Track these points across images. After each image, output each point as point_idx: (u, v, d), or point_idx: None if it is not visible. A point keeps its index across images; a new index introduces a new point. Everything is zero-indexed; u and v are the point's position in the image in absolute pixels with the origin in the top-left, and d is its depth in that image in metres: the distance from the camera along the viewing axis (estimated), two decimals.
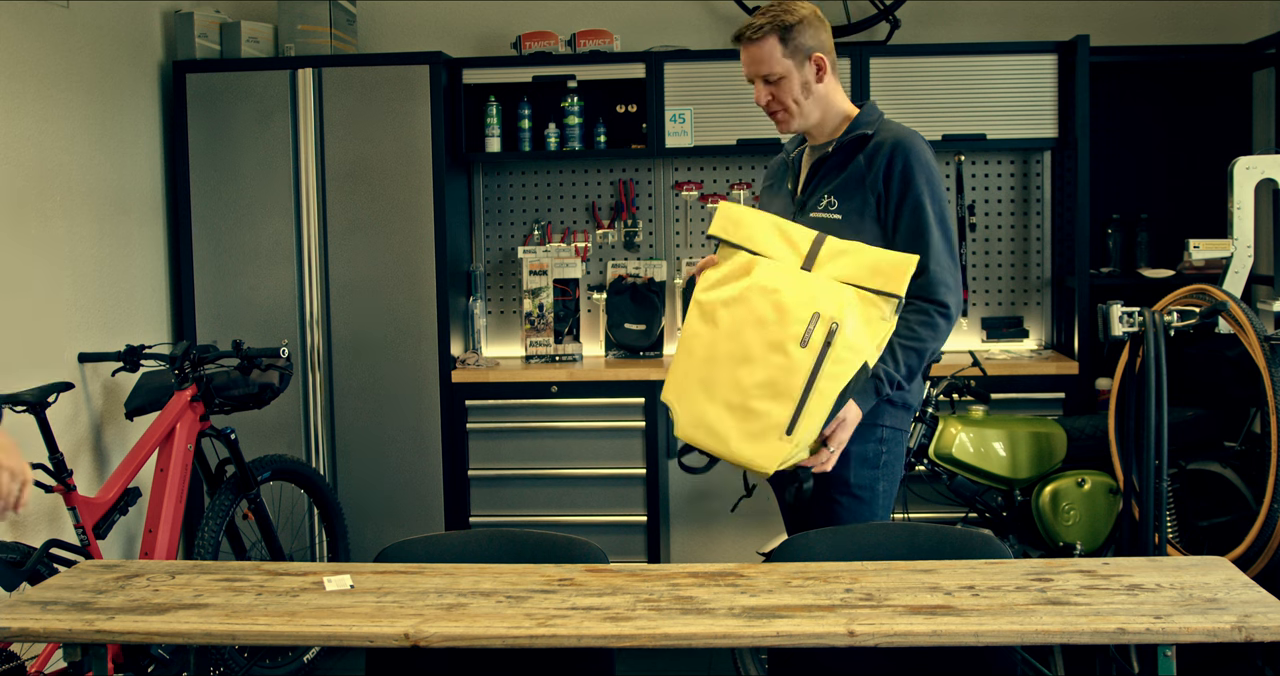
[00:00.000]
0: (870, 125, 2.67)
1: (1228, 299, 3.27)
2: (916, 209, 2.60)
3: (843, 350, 2.35)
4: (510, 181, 4.75)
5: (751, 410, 2.38)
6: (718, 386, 2.42)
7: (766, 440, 2.37)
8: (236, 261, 4.35)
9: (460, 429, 4.33)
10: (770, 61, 2.65)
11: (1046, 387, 4.18)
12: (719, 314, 2.44)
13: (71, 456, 3.66)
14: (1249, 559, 3.13)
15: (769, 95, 2.69)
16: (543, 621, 1.97)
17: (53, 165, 3.73)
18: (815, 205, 2.67)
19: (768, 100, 2.69)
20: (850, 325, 2.36)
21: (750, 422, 2.38)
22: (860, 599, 2.04)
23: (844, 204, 2.64)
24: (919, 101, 4.31)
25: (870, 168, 2.63)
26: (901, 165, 2.61)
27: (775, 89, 2.68)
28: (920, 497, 3.88)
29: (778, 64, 2.65)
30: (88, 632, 2.01)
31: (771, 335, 2.38)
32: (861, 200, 2.63)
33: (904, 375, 2.57)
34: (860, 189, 2.63)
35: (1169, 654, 1.97)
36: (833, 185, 2.67)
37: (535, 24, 4.65)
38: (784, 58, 2.65)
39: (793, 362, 2.36)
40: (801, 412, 2.35)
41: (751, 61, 2.68)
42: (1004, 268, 4.63)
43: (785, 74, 2.66)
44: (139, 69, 4.27)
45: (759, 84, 2.69)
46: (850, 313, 2.37)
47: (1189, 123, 4.52)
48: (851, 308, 2.38)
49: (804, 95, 2.68)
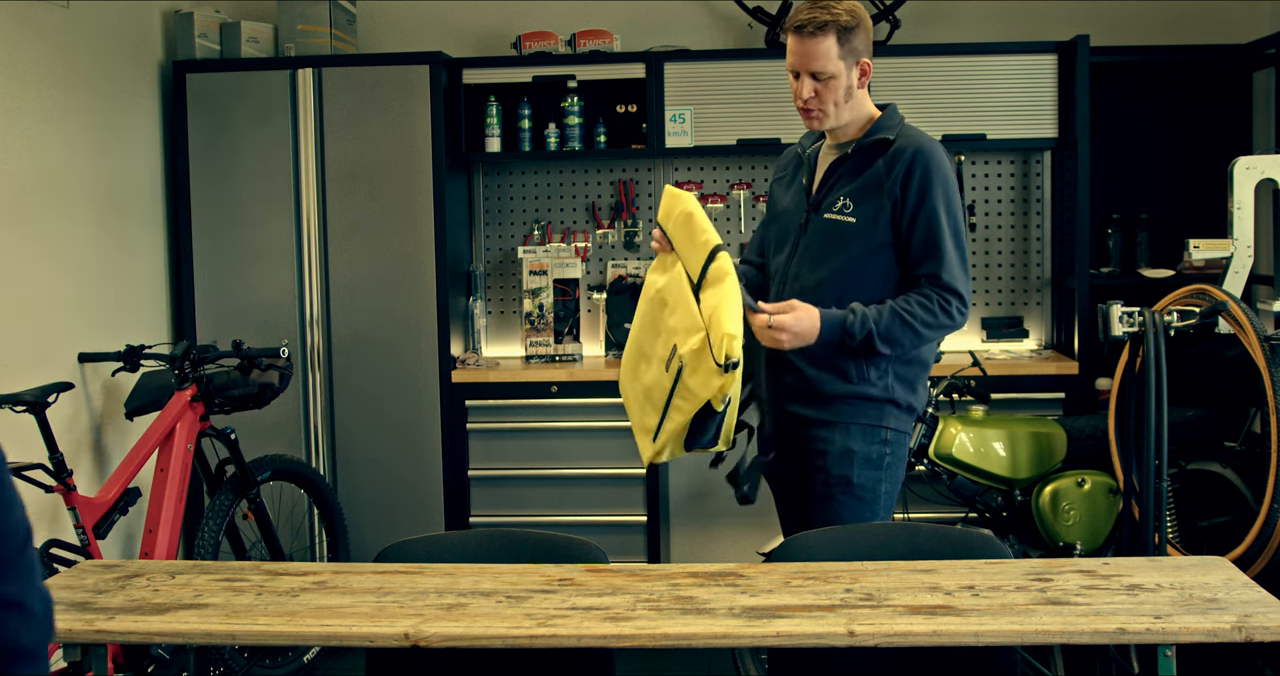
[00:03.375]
0: (891, 130, 2.65)
1: (1228, 299, 3.27)
2: (931, 219, 2.59)
3: (683, 397, 2.48)
4: (510, 181, 4.75)
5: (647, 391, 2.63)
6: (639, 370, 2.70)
7: (643, 437, 2.65)
8: (236, 261, 4.35)
9: (460, 429, 4.33)
10: (826, 59, 2.60)
11: (1046, 388, 4.18)
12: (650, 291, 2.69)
13: (71, 456, 3.66)
14: (1249, 559, 3.13)
15: (813, 92, 2.62)
16: (543, 621, 1.97)
17: (53, 165, 3.73)
18: (830, 206, 2.67)
19: (809, 97, 2.63)
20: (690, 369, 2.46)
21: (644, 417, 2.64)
22: (860, 599, 2.04)
23: (859, 208, 2.63)
24: (919, 101, 4.30)
25: (889, 174, 2.61)
26: (920, 174, 2.59)
27: (821, 87, 2.62)
28: (920, 497, 3.87)
29: (832, 63, 2.60)
30: (88, 632, 2.01)
31: (657, 349, 2.62)
32: (876, 205, 2.62)
33: (878, 333, 2.55)
34: (877, 194, 2.62)
35: (1169, 654, 1.97)
36: (849, 188, 2.65)
37: (535, 24, 4.65)
38: (839, 59, 2.60)
39: (662, 379, 2.55)
40: (662, 425, 2.55)
41: (806, 56, 2.60)
42: (1004, 268, 4.63)
43: (836, 75, 2.61)
44: (139, 69, 4.27)
45: (805, 79, 2.62)
46: (690, 360, 2.46)
47: (1189, 123, 4.52)
48: (691, 353, 2.45)
49: (845, 98, 2.65)
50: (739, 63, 4.38)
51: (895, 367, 2.67)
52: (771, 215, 2.89)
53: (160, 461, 3.56)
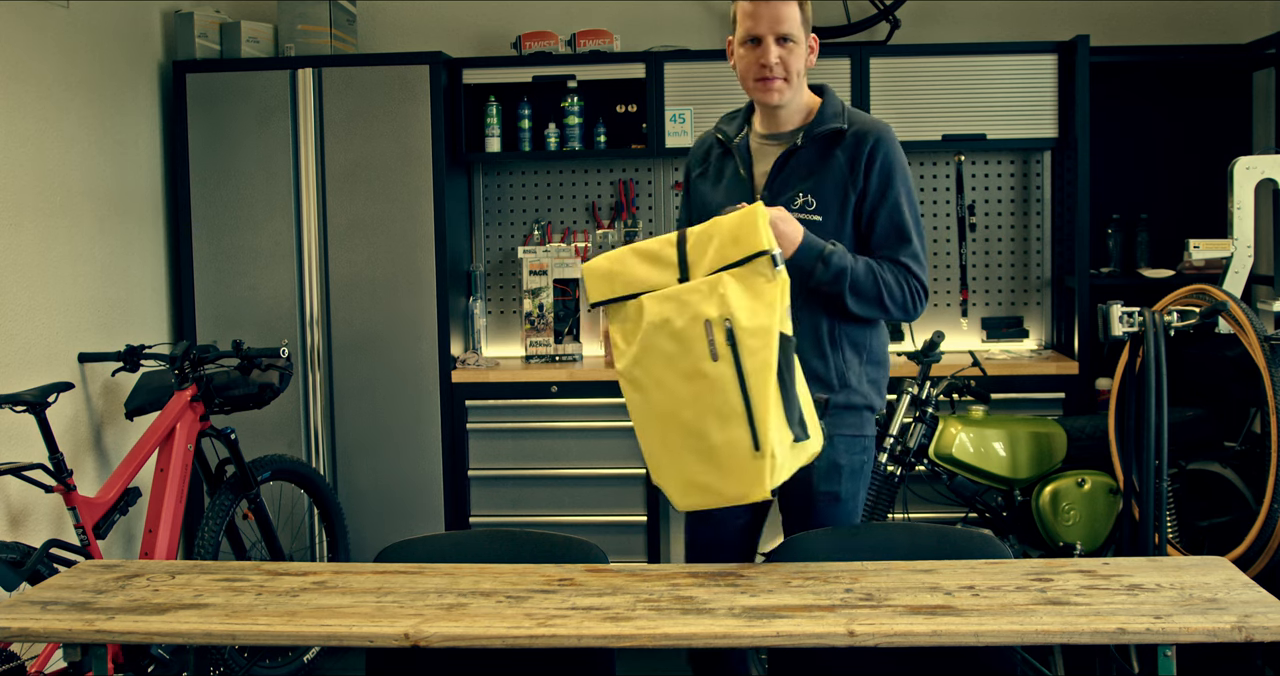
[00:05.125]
0: (840, 117, 2.58)
1: (1228, 299, 3.27)
2: (895, 210, 2.54)
3: (749, 338, 2.19)
4: (510, 181, 4.75)
5: (714, 446, 2.22)
6: (678, 442, 2.27)
7: (743, 468, 2.21)
8: (236, 261, 4.35)
9: (460, 429, 4.33)
10: (792, 22, 2.52)
11: (1046, 387, 4.18)
12: (637, 375, 2.29)
13: (71, 456, 3.66)
14: (1249, 559, 3.13)
15: (778, 57, 2.52)
16: (543, 621, 1.97)
17: (53, 165, 3.73)
18: (789, 203, 2.55)
19: (775, 62, 2.52)
20: (741, 310, 2.20)
21: (721, 458, 2.23)
22: (860, 599, 2.04)
23: (823, 204, 2.55)
24: (919, 101, 4.31)
25: (851, 166, 2.54)
26: (882, 162, 2.54)
27: (785, 53, 2.53)
28: (920, 497, 3.87)
29: (796, 28, 2.53)
30: (88, 632, 2.01)
31: (683, 366, 2.23)
32: (842, 200, 2.55)
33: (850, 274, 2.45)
34: (840, 188, 2.55)
35: (1169, 654, 1.97)
36: (808, 184, 2.56)
37: (535, 24, 4.65)
38: (800, 25, 2.54)
39: (715, 380, 2.21)
40: (756, 421, 2.19)
41: (775, 18, 2.51)
42: (1004, 268, 4.63)
43: (799, 42, 2.54)
44: (139, 69, 4.27)
45: (770, 44, 2.52)
46: (735, 299, 2.21)
47: (1189, 123, 4.52)
48: (732, 293, 2.21)
49: (803, 70, 2.58)
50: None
51: (868, 370, 2.63)
52: (699, 213, 2.67)
53: (160, 461, 3.56)
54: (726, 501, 2.26)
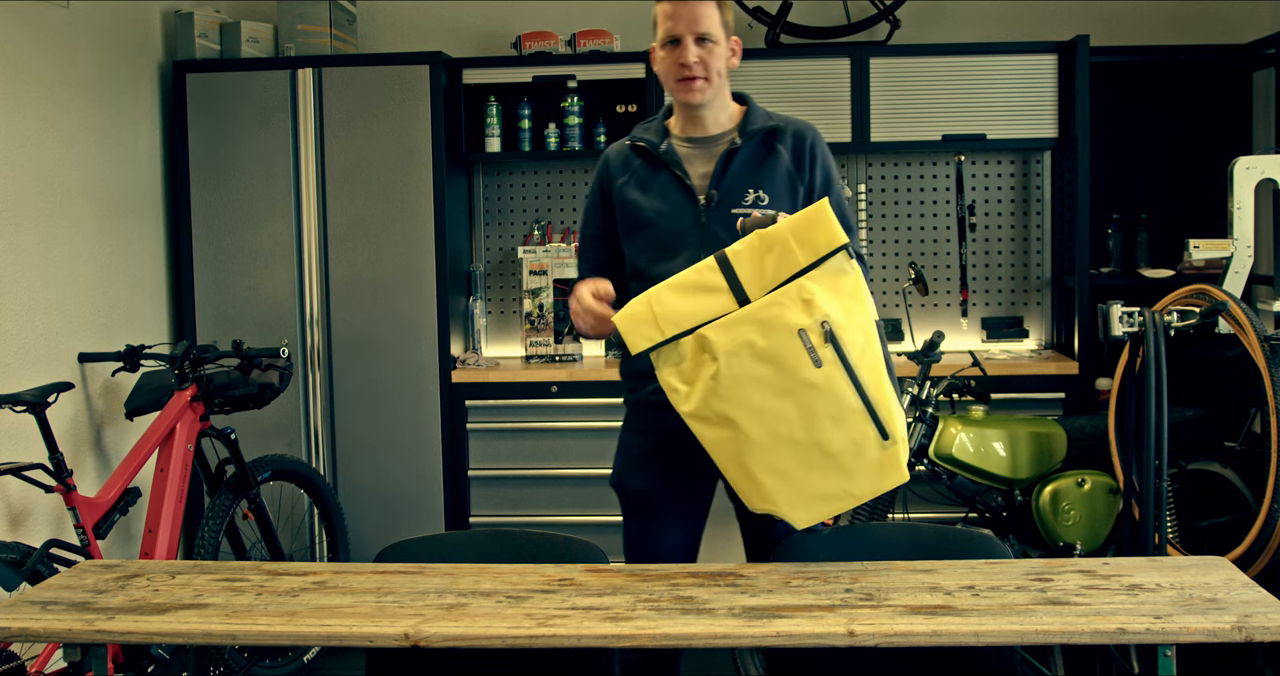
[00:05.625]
0: (770, 117, 2.62)
1: (1228, 299, 3.27)
2: (838, 203, 2.56)
3: (851, 334, 2.17)
4: (510, 181, 4.75)
5: (834, 452, 2.18)
6: (789, 464, 2.20)
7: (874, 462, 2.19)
8: (236, 261, 4.35)
9: (460, 429, 4.33)
10: (709, 21, 2.52)
11: (1046, 387, 4.18)
12: (721, 409, 2.20)
13: (71, 456, 3.66)
14: (1249, 559, 3.13)
15: (698, 57, 2.52)
16: (543, 621, 1.97)
17: (53, 165, 3.73)
18: (738, 201, 2.55)
19: (695, 61, 2.52)
20: (834, 310, 2.18)
21: (845, 461, 2.19)
22: (860, 599, 2.04)
23: (774, 199, 2.55)
24: (919, 101, 4.31)
25: (796, 160, 2.58)
26: (821, 155, 2.60)
27: (705, 52, 2.53)
28: (920, 497, 3.87)
29: (716, 27, 2.54)
30: (88, 632, 2.01)
31: (780, 384, 2.18)
32: (793, 193, 2.57)
33: None
34: (788, 183, 2.57)
35: (1169, 654, 1.97)
36: (757, 179, 2.57)
37: (535, 24, 4.65)
38: (719, 25, 2.55)
39: (824, 386, 2.17)
40: (879, 412, 2.17)
41: (692, 19, 2.51)
42: (1004, 268, 4.63)
43: (718, 42, 2.54)
44: (139, 69, 4.27)
45: (689, 44, 2.52)
46: (824, 302, 2.18)
47: (1189, 123, 4.52)
48: (819, 297, 2.19)
49: (725, 70, 2.58)
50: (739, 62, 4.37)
51: None
52: (631, 222, 2.65)
53: (160, 461, 3.56)
54: (860, 500, 2.23)
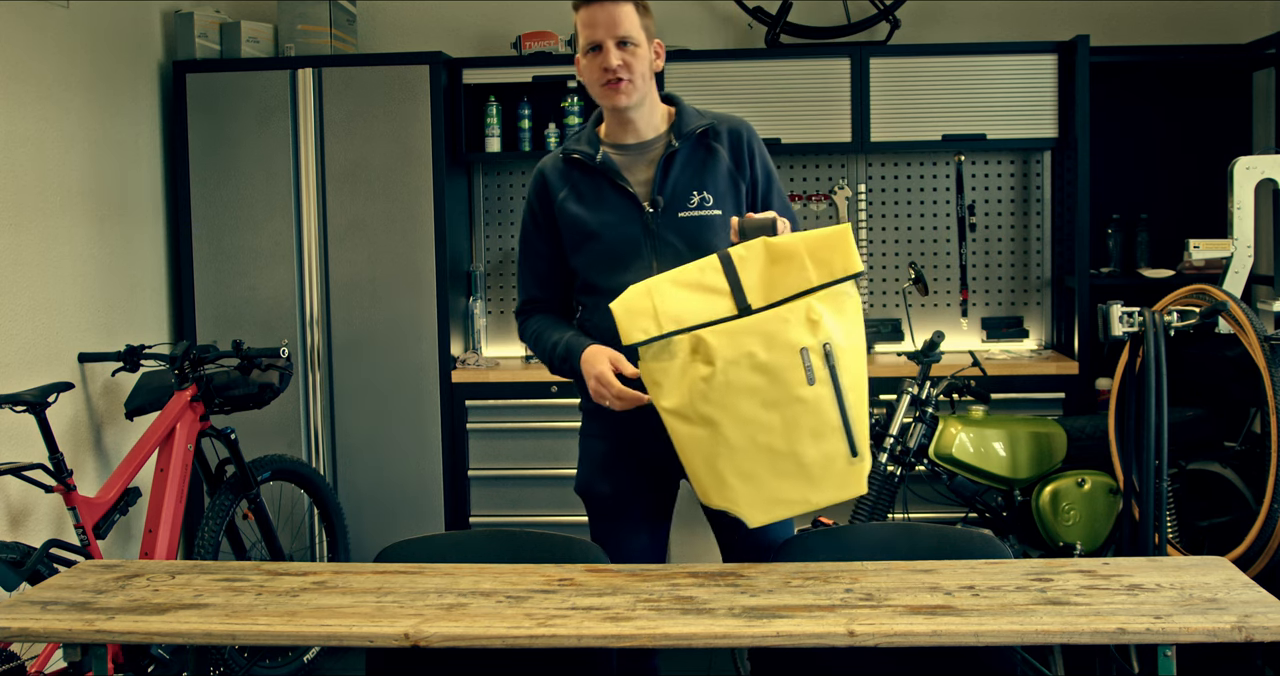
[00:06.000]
0: (703, 116, 2.59)
1: (1228, 299, 3.27)
2: (781, 196, 2.59)
3: (847, 357, 2.22)
4: (510, 181, 4.75)
5: (808, 464, 2.23)
6: (759, 468, 2.24)
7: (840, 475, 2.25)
8: (236, 261, 4.35)
9: (460, 429, 4.33)
10: (630, 24, 2.50)
11: (1046, 387, 4.18)
12: (704, 411, 2.23)
13: (71, 456, 3.66)
14: (1249, 559, 3.13)
15: (621, 60, 2.50)
16: (543, 621, 1.97)
17: (53, 165, 3.73)
18: (684, 204, 2.53)
19: (618, 65, 2.49)
20: (838, 332, 2.23)
21: (815, 472, 2.24)
22: (860, 599, 2.04)
23: (718, 199, 2.54)
24: (919, 101, 4.31)
25: (736, 159, 2.56)
26: (759, 151, 2.59)
27: (628, 56, 2.50)
28: (920, 497, 3.87)
29: (636, 30, 2.51)
30: (88, 632, 2.01)
31: (771, 396, 2.21)
32: (736, 192, 2.55)
33: None
34: (731, 181, 2.56)
35: (1169, 654, 1.97)
36: (698, 182, 2.55)
37: (535, 24, 4.65)
38: (639, 28, 2.52)
39: (812, 403, 2.21)
40: (854, 431, 2.23)
41: (611, 23, 2.50)
42: (1004, 268, 4.63)
43: (640, 44, 2.52)
44: (139, 69, 4.27)
45: (610, 47, 2.50)
46: (830, 324, 2.22)
47: (1189, 123, 4.52)
48: (827, 319, 2.22)
49: (650, 73, 2.56)
50: (739, 63, 4.38)
51: None
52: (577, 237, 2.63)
53: (160, 461, 3.56)
54: (815, 507, 2.29)
